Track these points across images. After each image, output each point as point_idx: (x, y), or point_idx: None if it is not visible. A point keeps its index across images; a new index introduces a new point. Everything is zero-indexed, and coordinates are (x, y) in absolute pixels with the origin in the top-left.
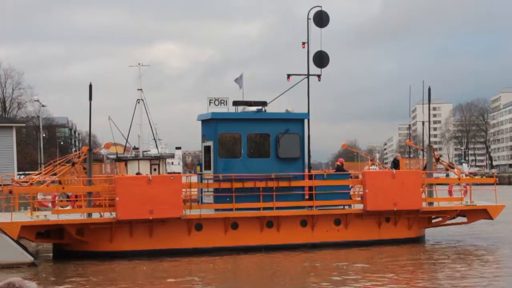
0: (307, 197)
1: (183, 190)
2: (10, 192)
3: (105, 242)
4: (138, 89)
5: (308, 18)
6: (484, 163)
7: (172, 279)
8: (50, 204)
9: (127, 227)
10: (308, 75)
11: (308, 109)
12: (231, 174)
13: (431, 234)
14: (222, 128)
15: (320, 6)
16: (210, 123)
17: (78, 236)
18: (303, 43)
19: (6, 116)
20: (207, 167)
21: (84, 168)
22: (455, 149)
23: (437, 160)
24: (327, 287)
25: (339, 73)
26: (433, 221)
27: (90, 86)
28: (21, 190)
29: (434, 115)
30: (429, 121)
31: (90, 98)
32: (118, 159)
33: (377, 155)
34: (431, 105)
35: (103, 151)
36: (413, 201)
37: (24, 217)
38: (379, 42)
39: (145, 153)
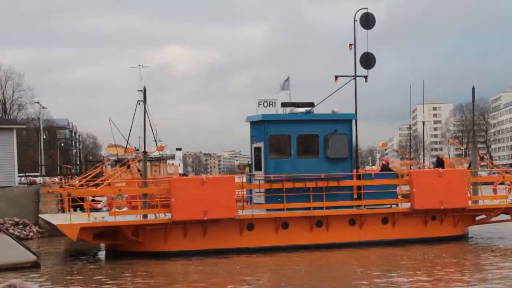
0: (355, 196)
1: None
2: (69, 194)
3: (160, 242)
4: (138, 90)
5: (354, 20)
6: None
7: (223, 279)
8: (99, 205)
9: (181, 228)
10: (355, 76)
11: (355, 110)
12: (282, 175)
13: (473, 231)
14: (273, 130)
15: (366, 8)
16: (260, 125)
17: (134, 237)
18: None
19: (7, 118)
20: (258, 168)
21: (139, 170)
22: (456, 149)
23: (481, 158)
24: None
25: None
26: (477, 218)
27: (145, 89)
28: (78, 193)
29: (435, 115)
30: (474, 122)
31: (145, 101)
32: (119, 160)
33: (378, 155)
34: (431, 105)
35: (104, 153)
36: (459, 200)
37: (81, 219)
38: (381, 44)
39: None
